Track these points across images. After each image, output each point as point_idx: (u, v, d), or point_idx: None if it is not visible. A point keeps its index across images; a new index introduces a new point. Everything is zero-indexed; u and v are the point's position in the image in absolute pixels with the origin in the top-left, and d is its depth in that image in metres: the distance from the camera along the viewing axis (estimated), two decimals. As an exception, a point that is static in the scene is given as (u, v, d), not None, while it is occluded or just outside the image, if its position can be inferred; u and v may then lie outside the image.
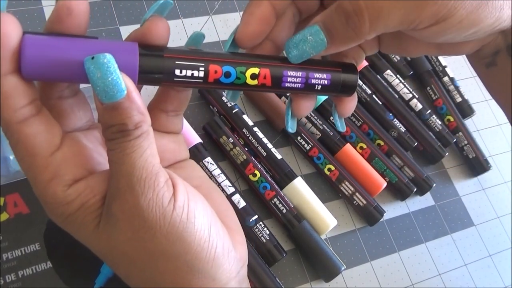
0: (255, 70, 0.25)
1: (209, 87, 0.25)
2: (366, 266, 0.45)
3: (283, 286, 0.39)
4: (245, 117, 0.44)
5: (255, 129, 0.44)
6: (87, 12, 0.23)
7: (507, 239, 0.51)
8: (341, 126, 0.30)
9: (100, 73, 0.21)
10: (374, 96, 0.50)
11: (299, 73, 0.26)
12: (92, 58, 0.21)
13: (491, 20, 0.25)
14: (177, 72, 0.24)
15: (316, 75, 0.27)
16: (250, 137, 0.43)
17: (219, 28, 0.49)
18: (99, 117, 0.23)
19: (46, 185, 0.23)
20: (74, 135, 0.25)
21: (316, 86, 0.27)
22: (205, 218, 0.25)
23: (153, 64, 0.23)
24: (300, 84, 0.26)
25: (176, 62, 0.24)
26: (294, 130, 0.29)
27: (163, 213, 0.23)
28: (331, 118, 0.47)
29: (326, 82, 0.27)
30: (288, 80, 0.26)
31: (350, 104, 0.29)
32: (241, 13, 0.50)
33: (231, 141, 0.43)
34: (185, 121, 0.43)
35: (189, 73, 0.24)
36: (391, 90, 0.51)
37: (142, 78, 0.23)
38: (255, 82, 0.26)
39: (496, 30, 0.26)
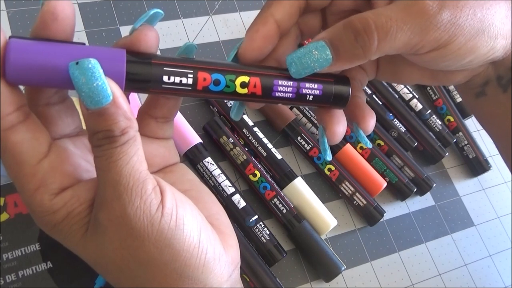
0: (245, 79, 0.25)
1: (198, 95, 0.25)
2: (366, 266, 0.45)
3: (283, 286, 0.39)
4: (245, 117, 0.44)
5: (255, 129, 0.44)
6: (73, 17, 0.22)
7: (507, 239, 0.51)
8: (369, 143, 0.29)
9: (84, 78, 0.21)
10: (374, 96, 0.50)
11: (290, 83, 0.26)
12: (77, 63, 0.21)
13: (486, 48, 0.26)
14: (165, 78, 0.23)
15: (307, 85, 0.26)
16: (250, 137, 0.43)
17: (219, 28, 0.49)
18: (85, 123, 0.22)
19: (33, 193, 0.23)
20: (62, 142, 0.25)
21: (308, 96, 0.26)
22: (194, 224, 0.24)
23: (141, 70, 0.23)
24: (291, 94, 0.26)
25: (164, 69, 0.23)
26: (331, 157, 0.29)
27: (151, 221, 0.23)
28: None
29: (317, 92, 0.26)
30: (279, 89, 0.26)
31: (372, 121, 0.29)
32: (241, 13, 0.50)
33: (231, 141, 0.43)
34: (185, 121, 0.43)
35: (177, 80, 0.24)
36: (391, 90, 0.51)
37: (130, 84, 0.23)
38: (245, 90, 0.25)
39: (489, 60, 0.27)
